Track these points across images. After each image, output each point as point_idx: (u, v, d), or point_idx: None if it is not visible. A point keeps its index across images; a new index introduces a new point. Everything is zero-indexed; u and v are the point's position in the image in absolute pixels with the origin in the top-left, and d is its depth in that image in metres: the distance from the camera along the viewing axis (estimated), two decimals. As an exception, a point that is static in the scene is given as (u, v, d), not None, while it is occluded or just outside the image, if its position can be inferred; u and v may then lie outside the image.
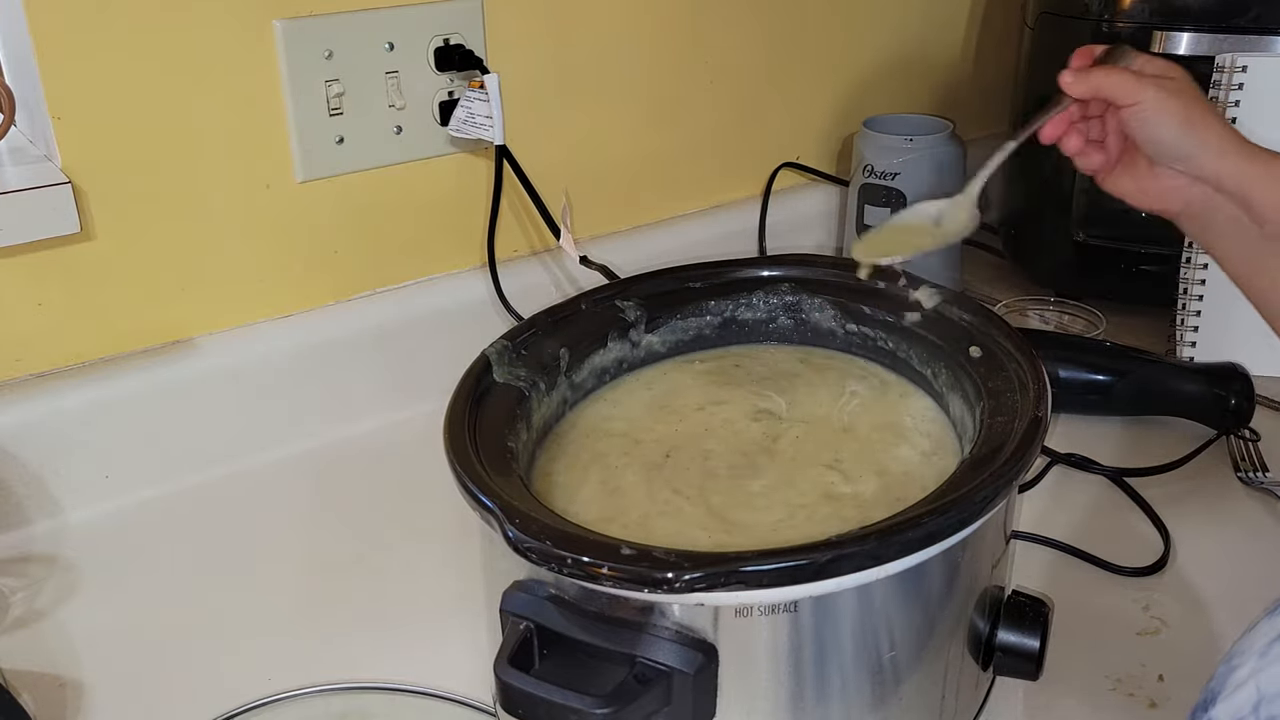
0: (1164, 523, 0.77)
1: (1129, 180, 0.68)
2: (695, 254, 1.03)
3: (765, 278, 0.76)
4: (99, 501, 0.81)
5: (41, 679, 0.66)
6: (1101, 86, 0.65)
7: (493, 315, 0.95)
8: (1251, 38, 0.89)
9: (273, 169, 0.84)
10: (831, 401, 0.70)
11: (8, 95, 0.77)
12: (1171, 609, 0.70)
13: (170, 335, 0.84)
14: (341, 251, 0.90)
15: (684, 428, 0.68)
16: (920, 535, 0.50)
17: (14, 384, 0.79)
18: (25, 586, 0.74)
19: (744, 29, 1.06)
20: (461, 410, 0.61)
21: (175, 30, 0.77)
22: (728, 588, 0.48)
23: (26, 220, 0.73)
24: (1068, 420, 0.89)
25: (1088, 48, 0.69)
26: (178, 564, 0.77)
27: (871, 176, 1.05)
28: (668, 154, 1.06)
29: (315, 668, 0.66)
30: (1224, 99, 0.88)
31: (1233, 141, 0.64)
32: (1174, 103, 0.63)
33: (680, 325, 0.75)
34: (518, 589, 0.53)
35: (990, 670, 0.61)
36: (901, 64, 1.20)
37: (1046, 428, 0.58)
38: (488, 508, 0.52)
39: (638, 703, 0.48)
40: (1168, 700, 0.63)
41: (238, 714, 0.63)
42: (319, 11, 0.82)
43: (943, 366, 0.68)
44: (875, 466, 0.64)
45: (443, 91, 0.90)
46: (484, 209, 0.95)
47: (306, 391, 0.88)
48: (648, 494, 0.62)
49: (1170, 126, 0.63)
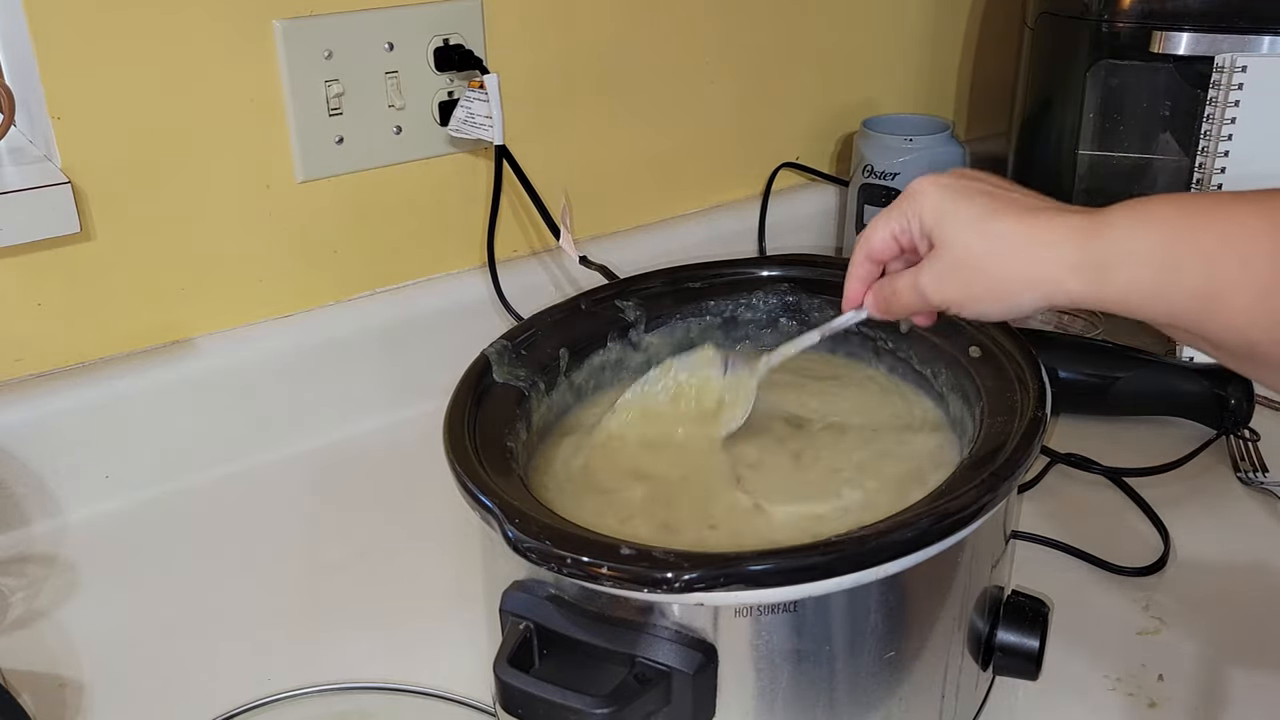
0: (1163, 523, 0.77)
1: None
2: (695, 254, 1.03)
3: (765, 278, 0.76)
4: (99, 501, 0.81)
5: (41, 679, 0.66)
6: (892, 309, 0.58)
7: (493, 315, 0.95)
8: (1251, 38, 0.89)
9: (273, 169, 0.84)
10: (832, 402, 0.70)
11: (8, 95, 0.77)
12: (1171, 609, 0.70)
13: (170, 335, 0.84)
14: (341, 251, 0.90)
15: (684, 427, 0.68)
16: (920, 535, 0.50)
17: (14, 384, 0.79)
18: (25, 586, 0.74)
19: (744, 29, 1.06)
20: (461, 410, 0.61)
21: (175, 30, 0.77)
22: (728, 588, 0.47)
23: (26, 220, 0.73)
24: (1068, 420, 0.89)
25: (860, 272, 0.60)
26: (178, 564, 0.77)
27: (871, 176, 1.05)
28: (668, 154, 1.06)
29: (315, 668, 0.66)
30: (1224, 99, 0.88)
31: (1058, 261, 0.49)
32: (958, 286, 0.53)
33: (680, 325, 0.75)
34: (518, 589, 0.53)
35: (990, 670, 0.61)
36: (901, 64, 1.20)
37: (1046, 428, 0.58)
38: (488, 508, 0.52)
39: (638, 703, 0.48)
40: (1168, 700, 0.63)
41: (238, 714, 0.63)
42: (319, 11, 0.82)
43: (943, 366, 0.68)
44: (875, 467, 0.64)
45: (442, 91, 0.90)
46: (484, 209, 0.95)
47: (306, 391, 0.88)
48: (648, 494, 0.62)
49: (989, 306, 0.53)
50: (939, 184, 0.54)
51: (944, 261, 0.53)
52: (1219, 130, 0.88)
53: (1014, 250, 0.50)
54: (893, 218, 0.56)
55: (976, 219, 0.52)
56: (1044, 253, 0.50)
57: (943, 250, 0.53)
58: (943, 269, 0.53)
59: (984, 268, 0.52)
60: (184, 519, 0.81)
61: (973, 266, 0.52)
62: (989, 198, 0.52)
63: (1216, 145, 0.89)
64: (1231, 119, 0.88)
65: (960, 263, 0.52)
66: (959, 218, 0.52)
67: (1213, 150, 0.89)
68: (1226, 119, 0.88)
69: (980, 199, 0.52)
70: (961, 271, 0.52)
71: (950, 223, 0.53)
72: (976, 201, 0.52)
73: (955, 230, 0.52)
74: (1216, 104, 0.89)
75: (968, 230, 0.52)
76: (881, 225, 0.57)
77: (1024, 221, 0.51)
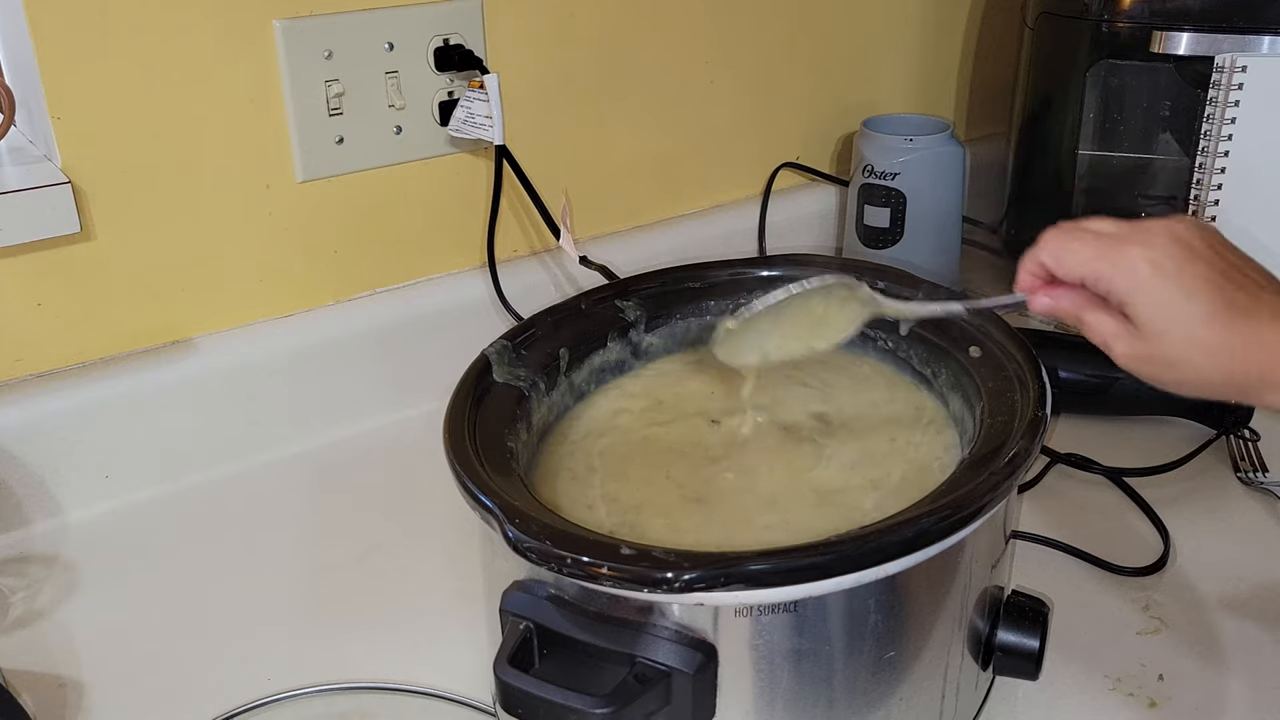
0: (1164, 523, 0.77)
1: None
2: (695, 254, 1.03)
3: (765, 278, 0.76)
4: (99, 501, 0.81)
5: (41, 679, 0.66)
6: (1064, 321, 0.56)
7: (493, 315, 0.95)
8: (1251, 38, 0.89)
9: (273, 169, 0.84)
10: (832, 402, 0.70)
11: (8, 95, 0.77)
12: (1171, 609, 0.70)
13: (170, 335, 0.84)
14: (341, 251, 0.90)
15: (684, 427, 0.68)
16: (920, 535, 0.50)
17: (14, 384, 0.79)
18: (25, 586, 0.74)
19: (744, 29, 1.06)
20: (461, 410, 0.61)
21: (175, 30, 0.77)
22: (728, 588, 0.47)
23: (26, 220, 0.73)
24: (1068, 420, 0.89)
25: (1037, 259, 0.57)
26: (178, 564, 0.77)
27: (871, 176, 1.05)
28: (668, 154, 1.06)
29: (315, 668, 0.66)
30: (1224, 99, 0.88)
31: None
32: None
33: (680, 325, 0.75)
34: (518, 589, 0.53)
35: (990, 670, 0.61)
36: (902, 64, 1.20)
37: (1046, 428, 0.58)
38: (488, 508, 0.52)
39: (638, 703, 0.48)
40: (1168, 700, 0.63)
41: (238, 714, 0.63)
42: (319, 11, 0.82)
43: (943, 366, 0.68)
44: (875, 467, 0.64)
45: (442, 91, 0.90)
46: (484, 209, 0.95)
47: (306, 391, 0.88)
48: (648, 494, 0.62)
49: (1176, 389, 0.53)
50: (1158, 267, 0.51)
51: (1145, 346, 0.52)
52: (1219, 130, 0.88)
53: (1219, 361, 0.50)
54: (1098, 261, 0.53)
55: (1189, 322, 0.50)
56: (1250, 368, 0.50)
57: (1147, 337, 0.51)
58: (1142, 350, 0.52)
59: (1182, 370, 0.51)
60: (184, 519, 0.81)
61: (1172, 362, 0.51)
62: (1208, 292, 0.50)
63: (1216, 145, 0.89)
64: (1231, 119, 0.88)
65: (1162, 358, 0.51)
66: (1171, 318, 0.51)
67: (1213, 150, 0.89)
68: (1226, 119, 0.88)
69: (1201, 298, 0.50)
70: (1158, 364, 0.52)
71: (1161, 319, 0.51)
72: (1195, 302, 0.50)
73: (1164, 327, 0.51)
74: (1216, 104, 0.89)
75: (1179, 330, 0.50)
76: (1081, 255, 0.54)
77: (1236, 331, 0.50)
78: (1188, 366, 0.51)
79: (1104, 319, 0.54)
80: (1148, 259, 0.51)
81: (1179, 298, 0.50)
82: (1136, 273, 0.51)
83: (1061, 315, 0.56)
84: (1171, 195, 1.02)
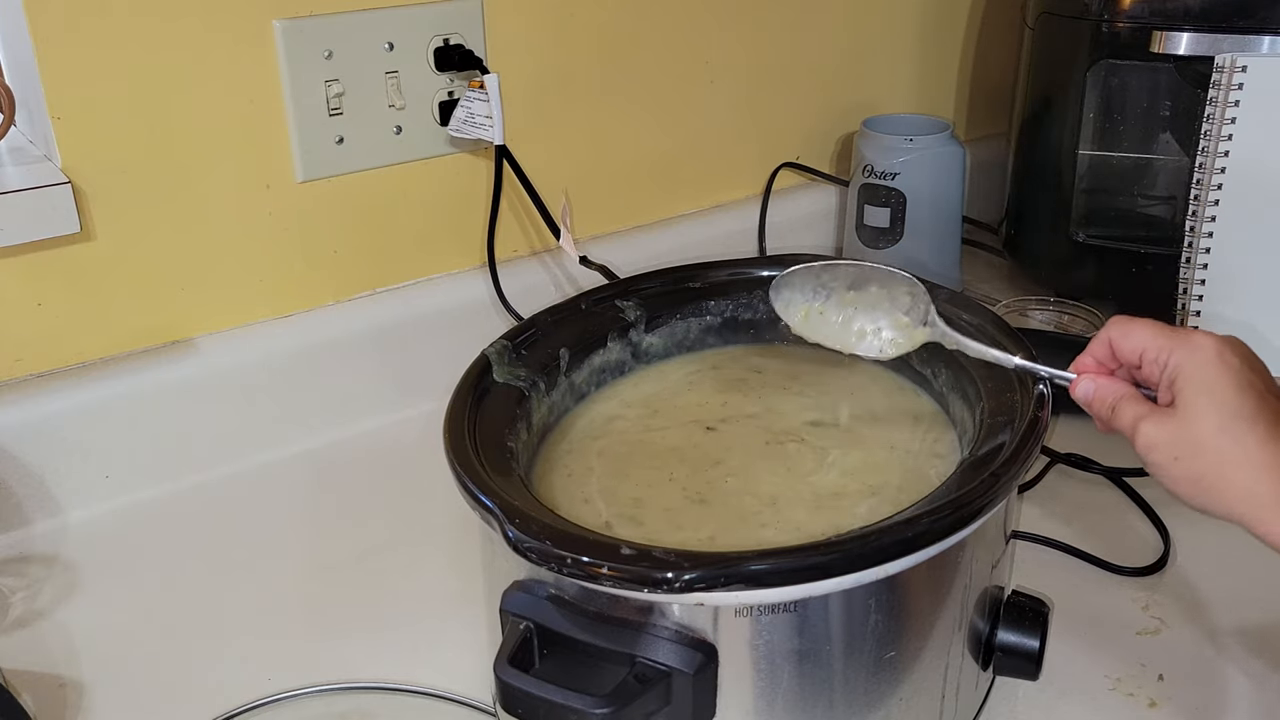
0: (1164, 523, 0.77)
1: None
2: (695, 254, 1.03)
3: (765, 278, 0.76)
4: (99, 501, 0.81)
5: (41, 679, 0.66)
6: (1098, 415, 0.58)
7: (493, 315, 0.95)
8: (1251, 38, 0.89)
9: (273, 169, 0.84)
10: (833, 402, 0.70)
11: (8, 95, 0.77)
12: (1171, 609, 0.70)
13: (170, 335, 0.84)
14: (341, 251, 0.90)
15: (684, 427, 0.68)
16: (920, 535, 0.50)
17: (14, 384, 0.79)
18: (25, 586, 0.74)
19: (744, 29, 1.06)
20: (461, 410, 0.61)
21: (175, 30, 0.77)
22: (728, 588, 0.48)
23: (26, 220, 0.73)
24: (1068, 420, 0.89)
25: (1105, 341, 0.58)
26: (177, 564, 0.77)
27: (871, 176, 1.05)
28: (668, 154, 1.06)
29: (315, 668, 0.66)
30: (1224, 99, 0.88)
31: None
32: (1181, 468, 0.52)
33: (680, 325, 0.75)
34: (518, 589, 0.53)
35: (990, 670, 0.61)
36: (902, 64, 1.20)
37: (1046, 428, 0.58)
38: (488, 508, 0.52)
39: (638, 703, 0.48)
40: (1168, 700, 0.63)
41: (238, 714, 0.63)
42: (319, 11, 0.82)
43: (943, 366, 0.68)
44: (875, 467, 0.64)
45: (442, 91, 0.90)
46: (484, 209, 0.95)
47: (306, 391, 0.88)
48: (648, 494, 0.62)
49: (1186, 489, 0.53)
50: (1223, 353, 0.52)
51: (1176, 426, 0.52)
52: (1219, 130, 0.88)
53: (1248, 461, 0.50)
54: (1165, 336, 0.54)
55: (1233, 411, 0.51)
56: (1272, 485, 0.50)
57: (1183, 417, 0.52)
58: (1170, 431, 0.52)
59: (1206, 458, 0.51)
60: (184, 519, 0.81)
61: (1197, 450, 0.51)
62: (1258, 403, 0.51)
63: (1216, 145, 0.89)
64: (1231, 119, 0.88)
65: (1190, 440, 0.52)
66: (1216, 400, 0.51)
67: (1213, 150, 0.89)
68: (1226, 119, 0.88)
69: (1250, 396, 0.51)
70: (1184, 447, 0.52)
71: (1206, 399, 0.51)
72: (1246, 397, 0.51)
73: (1206, 407, 0.51)
74: (1216, 104, 0.89)
75: (1218, 414, 0.51)
76: (1149, 330, 0.55)
77: (1273, 442, 0.50)
78: (1215, 468, 0.51)
79: (1139, 405, 0.55)
80: (1215, 343, 0.53)
81: (1233, 391, 0.51)
82: (1202, 350, 0.53)
83: (1098, 403, 0.57)
84: (1171, 195, 1.02)
